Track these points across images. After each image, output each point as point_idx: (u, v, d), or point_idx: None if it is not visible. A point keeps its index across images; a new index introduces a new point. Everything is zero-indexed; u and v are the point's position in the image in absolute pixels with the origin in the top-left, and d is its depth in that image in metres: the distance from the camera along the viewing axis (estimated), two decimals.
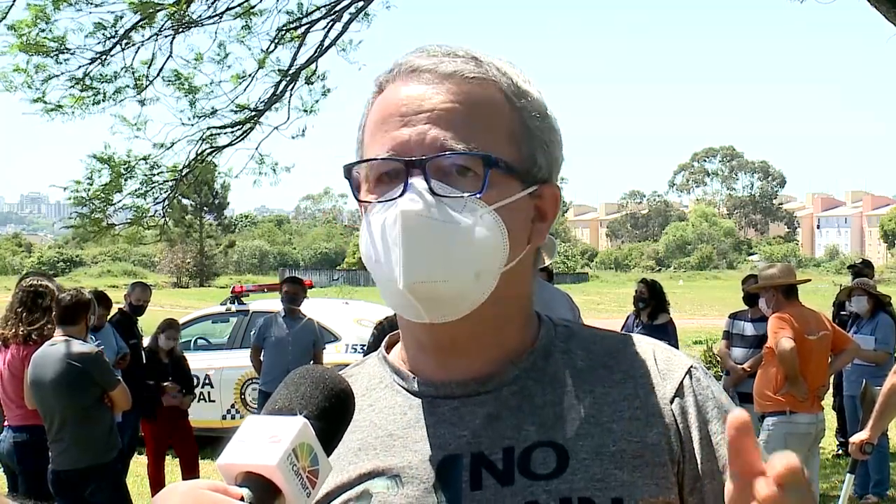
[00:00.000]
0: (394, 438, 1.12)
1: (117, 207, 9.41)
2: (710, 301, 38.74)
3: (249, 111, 9.08)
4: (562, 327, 1.18)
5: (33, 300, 5.68)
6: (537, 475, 1.06)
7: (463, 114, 1.06)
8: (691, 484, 1.10)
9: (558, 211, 1.15)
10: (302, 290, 8.43)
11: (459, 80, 1.08)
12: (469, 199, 1.04)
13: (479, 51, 1.12)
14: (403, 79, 1.10)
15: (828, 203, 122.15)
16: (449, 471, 1.08)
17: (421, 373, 1.14)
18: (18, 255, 79.61)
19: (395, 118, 1.07)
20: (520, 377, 1.12)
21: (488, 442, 1.08)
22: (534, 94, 1.12)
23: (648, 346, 1.16)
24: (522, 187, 1.09)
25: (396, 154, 1.06)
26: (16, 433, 5.70)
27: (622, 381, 1.12)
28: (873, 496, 7.42)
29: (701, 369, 1.16)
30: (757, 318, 7.24)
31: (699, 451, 1.10)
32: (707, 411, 1.12)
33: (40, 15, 7.82)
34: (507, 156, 1.07)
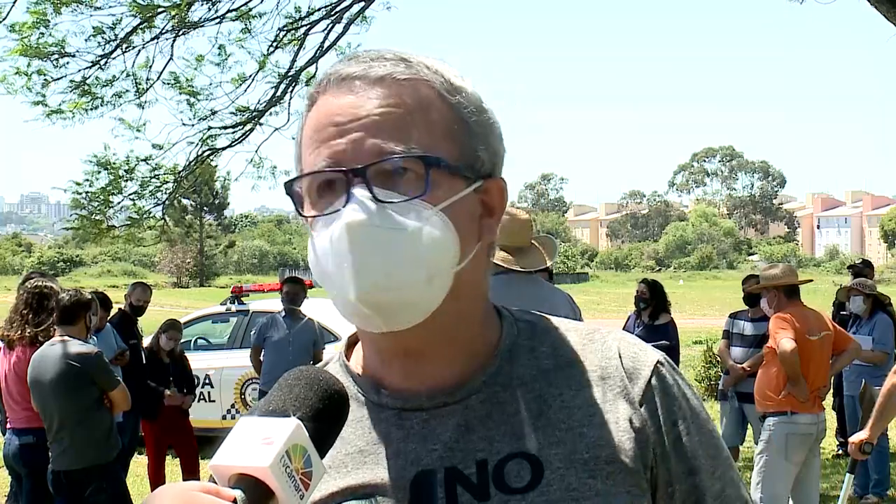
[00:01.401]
0: (364, 455, 1.09)
1: (117, 209, 9.41)
2: (710, 301, 38.74)
3: (249, 113, 9.09)
4: (523, 322, 1.16)
5: (38, 301, 5.68)
6: (513, 489, 1.04)
7: (398, 116, 1.04)
8: (664, 488, 1.09)
9: (505, 204, 1.13)
10: (302, 290, 8.43)
11: (391, 83, 1.05)
12: (414, 202, 1.02)
13: (407, 52, 1.10)
14: (334, 89, 1.07)
15: (828, 203, 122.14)
16: (423, 488, 1.06)
17: (385, 382, 1.11)
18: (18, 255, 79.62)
19: (329, 128, 1.05)
20: (487, 383, 1.09)
21: (461, 455, 1.06)
22: (468, 89, 1.10)
23: (614, 342, 1.13)
24: (466, 184, 1.07)
25: (335, 165, 1.03)
26: (22, 436, 5.69)
27: (590, 384, 1.09)
28: (873, 496, 7.42)
29: (667, 365, 1.13)
30: (757, 318, 7.25)
31: (671, 453, 1.09)
32: (676, 411, 1.10)
33: (41, 19, 7.82)
34: (447, 153, 1.05)
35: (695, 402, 1.14)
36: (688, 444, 1.10)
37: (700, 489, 1.11)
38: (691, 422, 1.11)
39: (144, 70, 8.60)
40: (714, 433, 1.15)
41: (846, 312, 8.11)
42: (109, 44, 8.29)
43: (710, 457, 1.12)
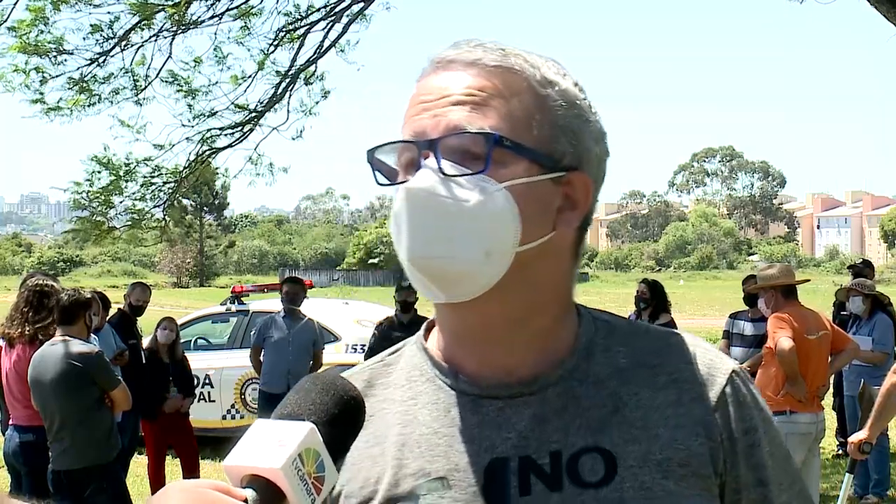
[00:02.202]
0: (438, 437, 1.10)
1: (118, 210, 9.41)
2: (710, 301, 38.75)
3: (249, 112, 9.08)
4: (602, 321, 1.17)
5: (39, 300, 5.69)
6: (586, 482, 1.05)
7: (479, 99, 1.08)
8: (732, 495, 1.10)
9: (590, 200, 1.14)
10: (302, 290, 8.43)
11: (481, 68, 1.10)
12: (478, 177, 1.05)
13: (509, 45, 1.14)
14: (434, 70, 1.13)
15: (828, 203, 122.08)
16: (497, 475, 1.07)
17: (460, 367, 1.13)
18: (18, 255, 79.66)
19: (419, 106, 1.11)
20: (564, 378, 1.11)
21: (535, 445, 1.07)
22: (563, 84, 1.12)
23: (690, 347, 1.15)
24: (542, 171, 1.09)
25: (415, 137, 1.09)
26: (22, 433, 5.70)
27: (666, 386, 1.11)
28: (873, 496, 7.42)
29: (742, 374, 1.15)
30: (757, 318, 7.24)
31: (741, 462, 1.10)
32: (749, 420, 1.12)
33: (39, 16, 7.82)
34: (524, 139, 1.08)
35: (767, 413, 1.15)
36: (759, 454, 1.11)
37: (768, 500, 1.12)
38: (763, 432, 1.12)
39: (142, 68, 8.60)
40: (784, 445, 1.17)
41: (846, 313, 8.11)
42: (108, 41, 8.28)
43: (780, 468, 1.14)
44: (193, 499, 0.90)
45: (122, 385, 5.44)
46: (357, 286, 53.84)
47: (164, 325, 8.03)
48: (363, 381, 1.19)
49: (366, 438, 1.13)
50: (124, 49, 8.42)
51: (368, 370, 1.21)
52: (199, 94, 8.79)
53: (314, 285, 12.34)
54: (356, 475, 1.12)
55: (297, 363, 8.09)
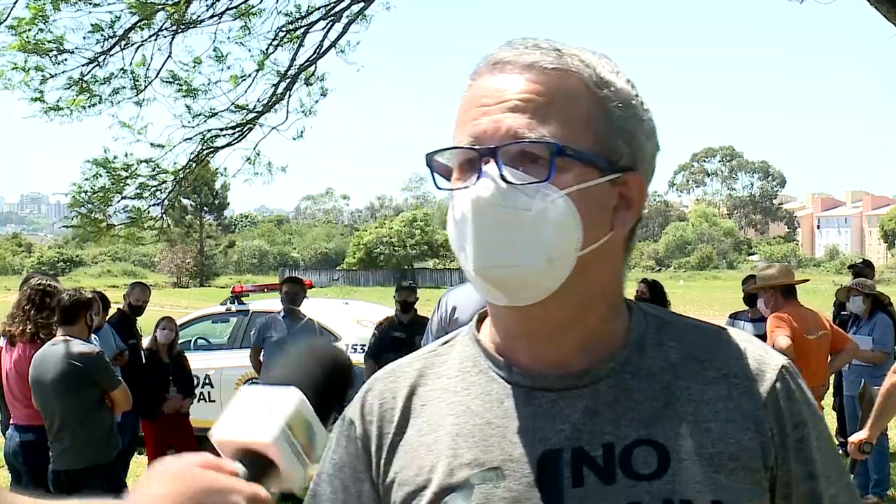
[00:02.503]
0: (492, 427, 1.11)
1: (117, 209, 9.40)
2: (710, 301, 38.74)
3: (248, 112, 9.08)
4: (652, 316, 1.19)
5: (41, 299, 5.70)
6: (639, 475, 1.06)
7: (539, 103, 1.08)
8: (782, 489, 1.11)
9: (645, 198, 1.15)
10: (302, 290, 8.43)
11: (538, 71, 1.10)
12: (541, 185, 1.06)
13: (564, 44, 1.14)
14: (488, 71, 1.12)
15: (828, 203, 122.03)
16: (550, 466, 1.08)
17: (513, 359, 1.14)
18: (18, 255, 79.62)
19: (475, 109, 1.10)
20: (616, 371, 1.12)
21: (588, 437, 1.09)
22: (618, 84, 1.13)
23: (741, 341, 1.16)
24: (601, 174, 1.09)
25: (475, 142, 1.09)
26: (22, 433, 5.70)
27: (716, 380, 1.12)
28: (873, 496, 7.41)
29: (791, 369, 1.16)
30: (757, 319, 7.24)
31: (792, 456, 1.11)
32: (798, 415, 1.13)
33: (39, 15, 7.81)
34: (583, 143, 1.08)
35: (815, 408, 1.16)
36: (808, 448, 1.12)
37: (817, 493, 1.13)
38: (812, 426, 1.13)
39: (142, 68, 8.59)
40: (832, 440, 1.18)
41: (846, 312, 8.10)
42: (108, 41, 8.28)
43: (829, 462, 1.15)
44: (183, 479, 0.89)
45: (123, 385, 5.44)
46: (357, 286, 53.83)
47: (163, 324, 8.03)
48: (416, 371, 1.21)
49: (419, 426, 1.15)
50: (124, 48, 8.42)
51: (421, 359, 1.22)
52: (199, 94, 8.79)
53: (314, 285, 12.32)
54: (410, 463, 1.14)
55: None
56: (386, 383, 1.21)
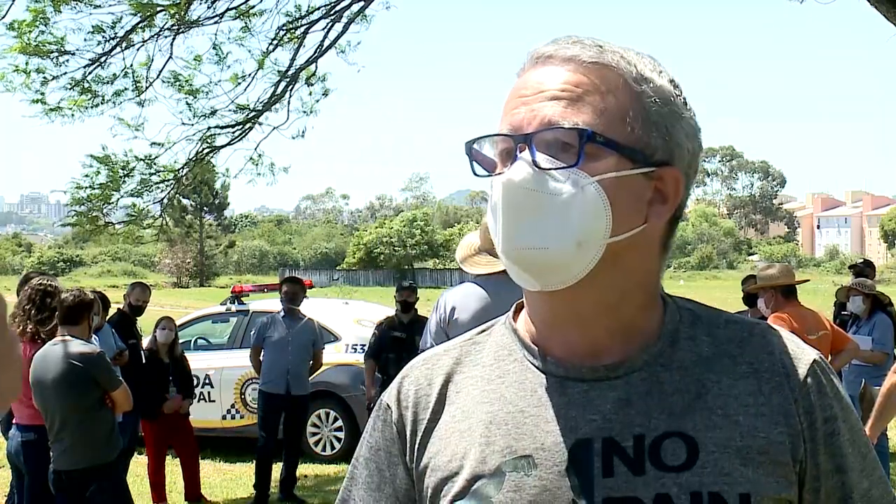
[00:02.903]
0: (525, 416, 1.13)
1: (115, 206, 9.40)
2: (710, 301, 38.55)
3: (249, 111, 9.08)
4: (686, 311, 1.20)
5: (42, 299, 5.70)
6: (668, 466, 1.07)
7: (575, 94, 1.11)
8: (811, 482, 1.12)
9: (681, 194, 1.17)
10: (301, 290, 8.43)
11: (578, 64, 1.13)
12: (571, 170, 1.08)
13: (607, 41, 1.17)
14: (532, 65, 1.16)
15: (828, 203, 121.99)
16: (581, 455, 1.09)
17: (548, 350, 1.16)
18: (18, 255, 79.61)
19: (516, 100, 1.14)
20: (649, 363, 1.13)
21: (619, 427, 1.10)
22: (658, 81, 1.15)
23: (773, 337, 1.17)
24: (634, 166, 1.11)
25: (512, 130, 1.12)
26: (24, 432, 5.70)
27: (747, 375, 1.13)
28: None
29: (823, 363, 1.17)
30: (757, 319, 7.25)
31: (821, 450, 1.12)
32: (829, 409, 1.13)
33: (40, 16, 7.81)
34: (617, 134, 1.10)
35: (846, 402, 1.17)
36: (839, 442, 1.13)
37: (848, 487, 1.14)
38: (843, 421, 1.14)
39: (144, 69, 8.59)
40: (864, 433, 1.18)
41: (847, 312, 8.10)
42: (109, 42, 8.28)
43: (860, 456, 1.15)
44: None
45: (124, 385, 5.43)
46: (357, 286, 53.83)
47: (162, 324, 8.04)
48: (452, 358, 1.22)
49: (453, 413, 1.17)
50: (125, 49, 8.42)
51: (458, 347, 1.24)
52: (200, 94, 8.79)
53: (314, 285, 12.33)
54: (443, 449, 1.15)
55: (297, 363, 8.09)
56: (423, 370, 1.23)
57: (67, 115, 8.38)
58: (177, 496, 8.17)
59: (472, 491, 1.11)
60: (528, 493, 1.09)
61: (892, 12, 6.44)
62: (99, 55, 8.37)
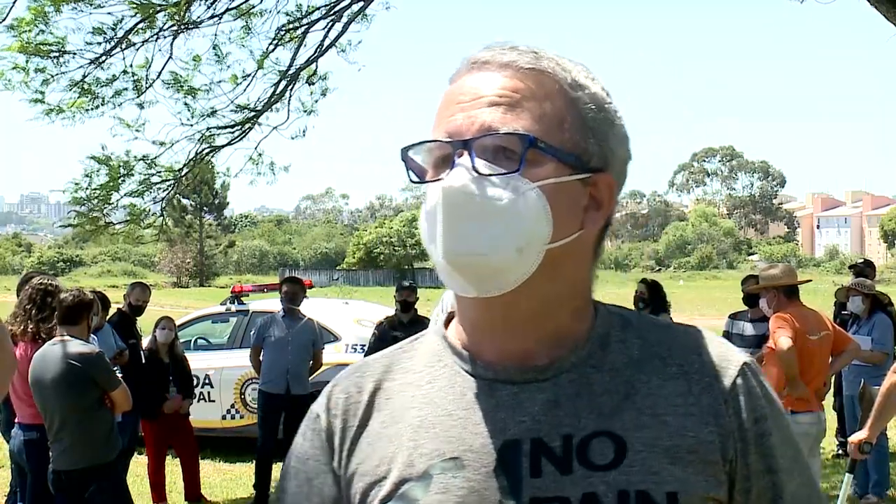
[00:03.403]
0: (453, 419, 1.13)
1: (115, 206, 9.39)
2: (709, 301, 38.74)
3: (249, 111, 9.07)
4: (617, 316, 1.21)
5: (43, 299, 5.71)
6: (596, 465, 1.08)
7: (512, 100, 1.11)
8: (741, 482, 1.13)
9: (615, 200, 1.18)
10: (301, 290, 8.43)
11: (515, 70, 1.13)
12: (512, 176, 1.08)
13: (543, 48, 1.17)
14: (467, 71, 1.16)
15: (828, 203, 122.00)
16: (509, 456, 1.09)
17: (479, 354, 1.16)
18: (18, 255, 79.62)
19: (453, 106, 1.13)
20: (578, 365, 1.14)
21: (547, 428, 1.10)
22: (592, 88, 1.16)
23: (702, 339, 1.18)
24: (571, 172, 1.12)
25: (449, 137, 1.11)
26: (26, 431, 5.71)
27: (677, 376, 1.14)
28: (873, 496, 7.42)
29: (753, 365, 1.18)
30: (757, 319, 7.24)
31: (752, 450, 1.13)
32: (759, 410, 1.14)
33: (39, 16, 7.81)
34: (555, 140, 1.11)
35: (777, 404, 1.18)
36: (768, 442, 1.14)
37: (778, 487, 1.14)
38: (773, 422, 1.15)
39: (143, 69, 8.59)
40: (793, 435, 1.19)
41: (847, 312, 8.11)
42: (109, 42, 8.27)
43: (790, 457, 1.16)
44: None
45: (123, 386, 5.44)
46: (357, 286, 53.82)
47: (162, 324, 8.04)
48: (382, 366, 1.22)
49: (382, 419, 1.17)
50: (125, 50, 8.42)
51: (389, 356, 1.24)
52: (200, 94, 8.79)
53: (314, 285, 12.32)
54: (371, 454, 1.15)
55: (297, 363, 8.09)
56: (353, 378, 1.23)
57: (68, 115, 8.38)
58: (177, 496, 8.17)
59: (398, 494, 1.11)
60: (455, 494, 1.08)
61: (892, 12, 6.44)
62: (99, 55, 8.37)
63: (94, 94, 8.44)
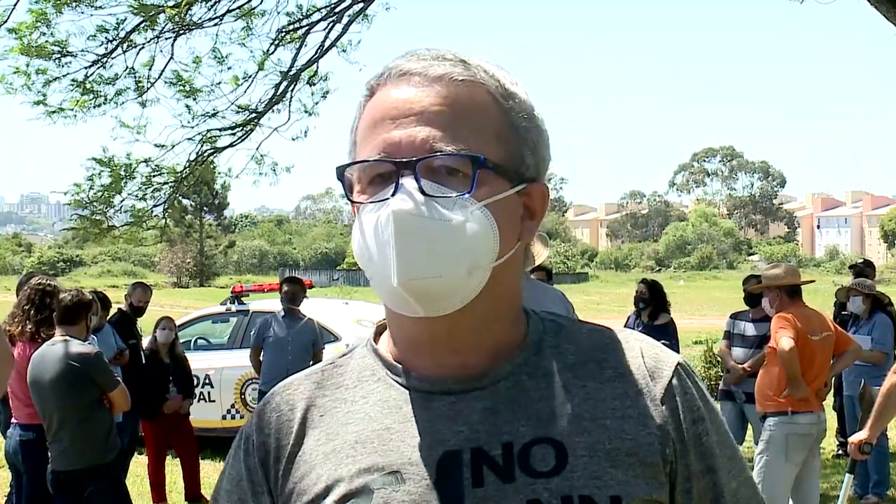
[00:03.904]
0: (391, 433, 1.12)
1: (117, 209, 9.40)
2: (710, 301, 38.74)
3: (250, 112, 9.08)
4: (549, 321, 1.20)
5: (41, 299, 5.71)
6: (538, 472, 1.07)
7: (452, 115, 1.09)
8: (682, 483, 1.13)
9: (546, 207, 1.18)
10: (301, 290, 8.43)
11: (448, 83, 1.10)
12: (458, 198, 1.07)
13: (467, 54, 1.15)
14: (394, 82, 1.12)
15: (828, 203, 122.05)
16: (450, 467, 1.08)
17: (413, 367, 1.15)
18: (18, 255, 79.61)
19: (386, 121, 1.10)
20: (514, 372, 1.13)
21: (486, 437, 1.09)
22: (521, 95, 1.15)
23: (636, 342, 1.18)
24: (511, 185, 1.11)
25: (388, 155, 1.08)
26: (23, 431, 5.70)
27: (613, 379, 1.14)
28: (873, 496, 7.42)
29: (687, 367, 1.18)
30: (758, 319, 7.23)
31: (691, 451, 1.13)
32: (695, 411, 1.15)
33: (41, 18, 7.81)
34: (495, 155, 1.10)
35: (712, 404, 1.18)
36: (706, 443, 1.14)
37: (718, 487, 1.15)
38: (709, 422, 1.16)
39: (145, 69, 8.59)
40: (729, 434, 1.20)
41: (847, 312, 8.11)
42: (111, 43, 8.28)
43: (728, 457, 1.17)
44: None
45: (121, 386, 5.43)
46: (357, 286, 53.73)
47: (162, 324, 8.04)
48: (314, 383, 1.20)
49: (317, 437, 1.15)
50: (126, 50, 8.43)
51: (319, 372, 1.22)
52: (201, 95, 8.79)
53: (314, 285, 12.32)
54: (309, 472, 1.13)
55: (297, 363, 8.07)
56: (284, 396, 1.20)
57: (70, 115, 8.38)
58: (177, 496, 8.17)
59: None
60: None
61: (892, 12, 6.45)
62: (100, 56, 8.38)
63: (95, 92, 8.44)
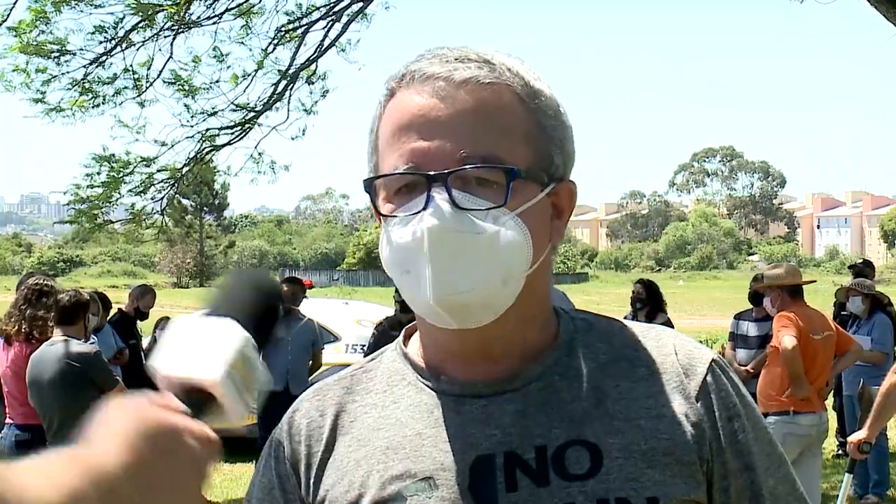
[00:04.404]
0: (422, 438, 1.10)
1: (116, 206, 9.40)
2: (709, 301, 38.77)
3: (248, 111, 9.08)
4: (580, 320, 1.18)
5: (37, 298, 5.70)
6: (573, 475, 1.05)
7: (480, 122, 1.06)
8: (719, 482, 1.10)
9: (574, 205, 1.15)
10: (301, 290, 8.43)
11: (474, 87, 1.07)
12: (492, 210, 1.04)
13: (489, 52, 1.11)
14: (417, 87, 1.08)
15: (828, 203, 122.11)
16: (483, 472, 1.06)
17: (443, 370, 1.13)
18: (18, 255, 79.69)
19: (412, 129, 1.06)
20: (545, 374, 1.11)
21: (519, 440, 1.07)
22: (546, 92, 1.12)
23: (669, 338, 1.16)
24: (541, 189, 1.09)
25: (417, 167, 1.05)
26: (19, 431, 5.69)
27: (646, 377, 1.12)
28: (873, 496, 7.42)
29: (721, 362, 1.16)
30: (760, 318, 7.24)
31: (727, 449, 1.11)
32: (731, 408, 1.12)
33: (40, 17, 7.81)
34: (525, 159, 1.07)
35: (748, 400, 1.16)
36: (743, 440, 1.12)
37: (756, 485, 1.12)
38: (746, 419, 1.13)
39: (144, 68, 8.59)
40: (767, 430, 1.17)
41: (846, 312, 8.11)
42: (110, 42, 8.28)
43: (765, 454, 1.14)
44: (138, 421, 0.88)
45: (121, 385, 5.43)
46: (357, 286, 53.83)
47: (162, 325, 8.05)
48: (343, 388, 1.19)
49: (348, 443, 1.13)
50: (125, 49, 8.42)
51: (349, 377, 1.20)
52: (200, 94, 8.79)
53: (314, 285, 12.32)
54: (340, 479, 1.12)
55: (297, 363, 8.09)
56: (313, 402, 1.18)
57: (69, 115, 8.38)
58: None
59: None
60: None
61: (892, 12, 6.45)
62: (99, 55, 8.38)
63: (94, 92, 8.44)
